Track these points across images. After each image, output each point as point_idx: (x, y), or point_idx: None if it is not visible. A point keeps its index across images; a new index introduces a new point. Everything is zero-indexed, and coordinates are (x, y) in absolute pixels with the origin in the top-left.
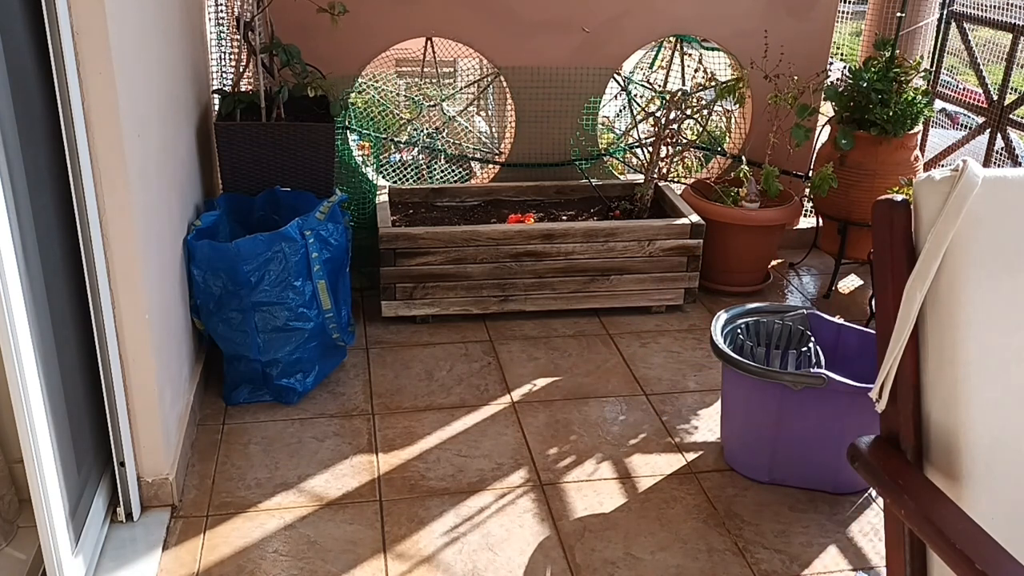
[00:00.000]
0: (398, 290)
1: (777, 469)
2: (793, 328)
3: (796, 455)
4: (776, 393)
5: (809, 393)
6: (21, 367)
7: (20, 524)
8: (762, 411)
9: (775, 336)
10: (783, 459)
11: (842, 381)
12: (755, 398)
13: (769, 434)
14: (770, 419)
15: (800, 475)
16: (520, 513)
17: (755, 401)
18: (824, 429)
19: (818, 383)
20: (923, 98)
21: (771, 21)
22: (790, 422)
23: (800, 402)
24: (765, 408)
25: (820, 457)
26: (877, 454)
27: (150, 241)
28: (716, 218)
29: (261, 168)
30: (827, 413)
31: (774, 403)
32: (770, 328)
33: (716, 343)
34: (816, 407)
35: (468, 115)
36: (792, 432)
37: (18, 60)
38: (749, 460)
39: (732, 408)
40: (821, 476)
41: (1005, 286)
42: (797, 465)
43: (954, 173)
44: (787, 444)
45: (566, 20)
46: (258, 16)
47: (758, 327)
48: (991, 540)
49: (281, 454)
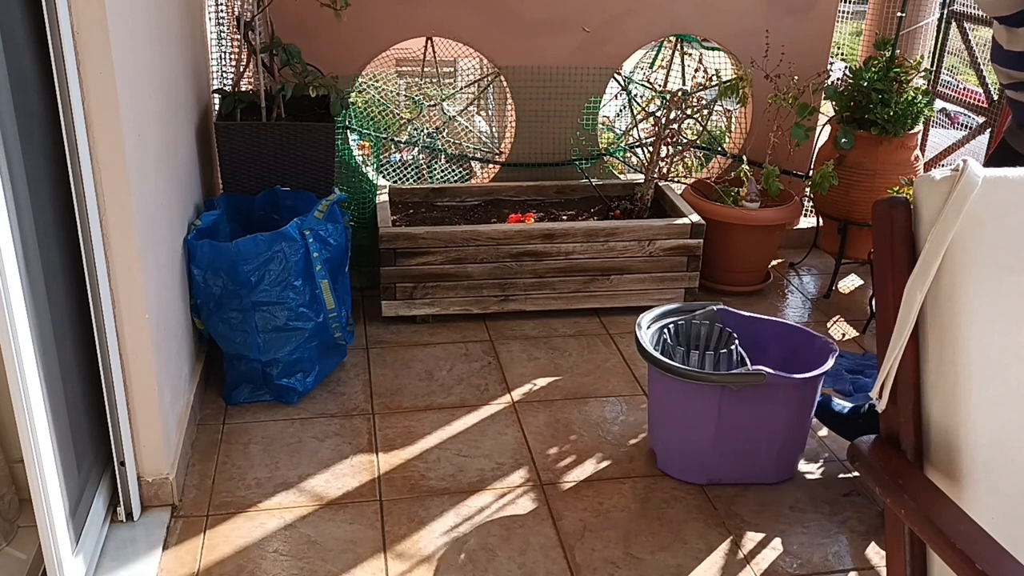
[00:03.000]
0: (398, 290)
1: (715, 469)
2: (711, 327)
3: (735, 453)
4: (715, 395)
5: (747, 391)
6: (21, 367)
7: (20, 524)
8: (701, 414)
9: (695, 336)
10: (722, 459)
11: (780, 375)
12: (693, 402)
13: (708, 436)
14: (709, 421)
15: (738, 472)
16: (520, 513)
17: (693, 405)
18: (762, 424)
19: (759, 381)
20: (923, 98)
21: (771, 21)
22: (729, 422)
23: (738, 401)
24: (704, 411)
25: (757, 452)
26: (877, 454)
27: (150, 241)
28: (716, 218)
29: (261, 168)
30: (765, 408)
31: (713, 405)
32: (689, 329)
33: (650, 353)
34: (754, 404)
35: (468, 115)
36: (732, 431)
37: (18, 60)
38: (686, 464)
39: (666, 414)
40: (759, 470)
41: (1005, 286)
42: (736, 463)
43: (954, 173)
44: (726, 443)
45: (566, 20)
46: (258, 16)
47: (678, 329)
48: (991, 540)
49: (281, 454)
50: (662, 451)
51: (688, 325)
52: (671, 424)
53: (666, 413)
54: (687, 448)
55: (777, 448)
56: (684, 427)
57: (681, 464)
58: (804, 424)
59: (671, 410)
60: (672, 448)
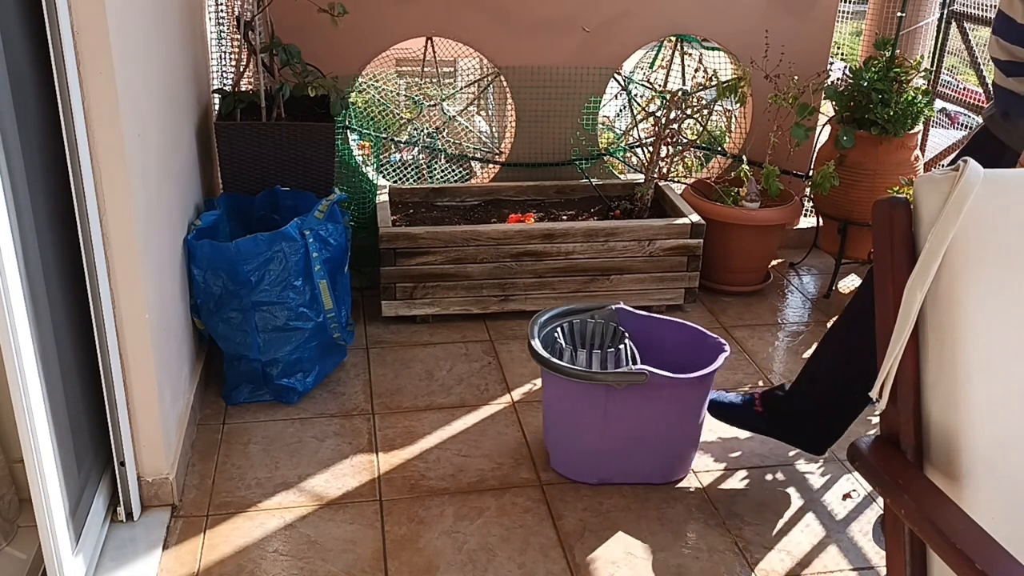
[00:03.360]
0: (398, 290)
1: (604, 469)
2: (606, 326)
3: (623, 452)
4: (601, 394)
5: (632, 390)
6: (21, 367)
7: (20, 524)
8: (588, 413)
9: (589, 335)
10: (611, 458)
11: (662, 375)
12: (580, 401)
13: (596, 435)
14: (596, 420)
15: (627, 472)
16: (520, 513)
17: (580, 404)
18: (648, 423)
19: (640, 380)
20: (923, 98)
21: (771, 21)
22: (616, 421)
23: (624, 400)
24: (591, 410)
25: (645, 451)
26: (877, 454)
27: (150, 241)
28: (716, 218)
29: (261, 168)
30: (650, 408)
31: (599, 404)
32: (584, 328)
33: (537, 352)
34: (640, 403)
35: (468, 115)
36: (618, 431)
37: (18, 60)
38: (577, 464)
39: (556, 414)
40: (648, 469)
41: (1006, 286)
42: (624, 462)
43: (954, 173)
44: (613, 443)
45: (566, 20)
46: (258, 16)
47: (572, 328)
48: (991, 540)
49: (281, 454)
50: (554, 450)
51: (583, 324)
52: (561, 424)
53: (556, 412)
54: (576, 447)
55: (665, 448)
56: (572, 426)
57: (572, 464)
58: (694, 424)
59: (560, 410)
60: (563, 447)
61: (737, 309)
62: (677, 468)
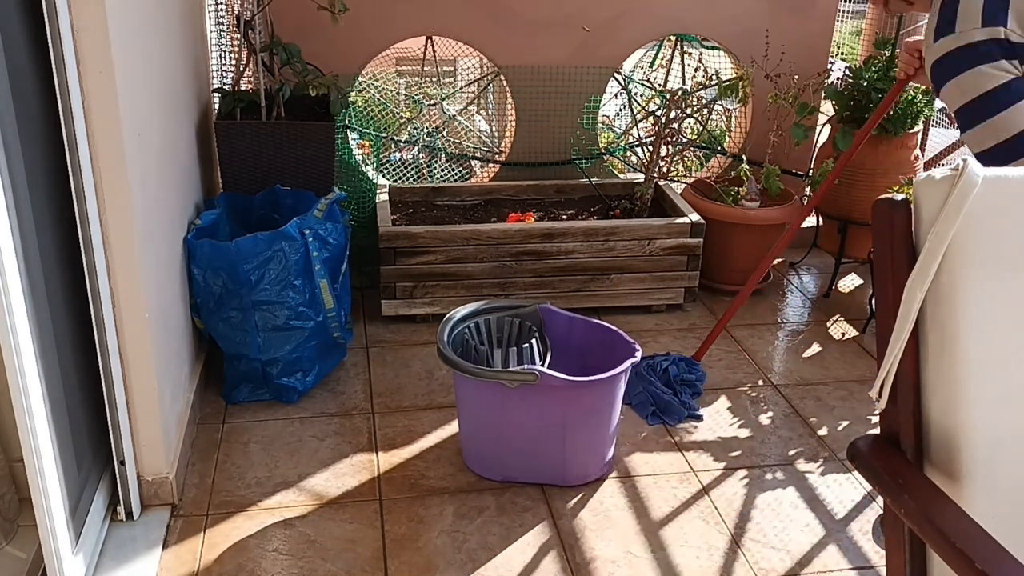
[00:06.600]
0: (398, 289)
1: (507, 466)
2: (523, 324)
3: (522, 451)
4: (498, 392)
5: (528, 390)
6: (21, 366)
7: (20, 523)
8: (489, 410)
9: (506, 332)
10: (511, 456)
11: (553, 375)
12: (481, 398)
13: (496, 433)
14: (495, 418)
15: (529, 470)
16: (520, 513)
17: (481, 401)
18: (545, 424)
19: (530, 380)
20: (923, 98)
21: (772, 20)
22: (513, 419)
23: (521, 399)
24: (491, 407)
25: (545, 451)
26: (877, 454)
27: (150, 240)
28: (716, 217)
29: (261, 167)
30: (547, 408)
31: (497, 402)
32: (501, 325)
33: (440, 347)
34: (536, 403)
35: (468, 114)
36: (516, 429)
37: (18, 59)
38: (484, 460)
39: (464, 410)
40: (549, 470)
41: (1006, 285)
42: (525, 461)
43: (954, 172)
44: (512, 441)
45: (566, 19)
46: (258, 15)
47: (489, 325)
48: (991, 540)
49: (281, 453)
50: (465, 447)
51: (500, 321)
52: (468, 420)
53: (464, 410)
54: (482, 445)
55: (568, 450)
56: (477, 424)
57: (480, 461)
58: (598, 427)
59: (467, 407)
60: (471, 445)
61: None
62: (583, 471)
